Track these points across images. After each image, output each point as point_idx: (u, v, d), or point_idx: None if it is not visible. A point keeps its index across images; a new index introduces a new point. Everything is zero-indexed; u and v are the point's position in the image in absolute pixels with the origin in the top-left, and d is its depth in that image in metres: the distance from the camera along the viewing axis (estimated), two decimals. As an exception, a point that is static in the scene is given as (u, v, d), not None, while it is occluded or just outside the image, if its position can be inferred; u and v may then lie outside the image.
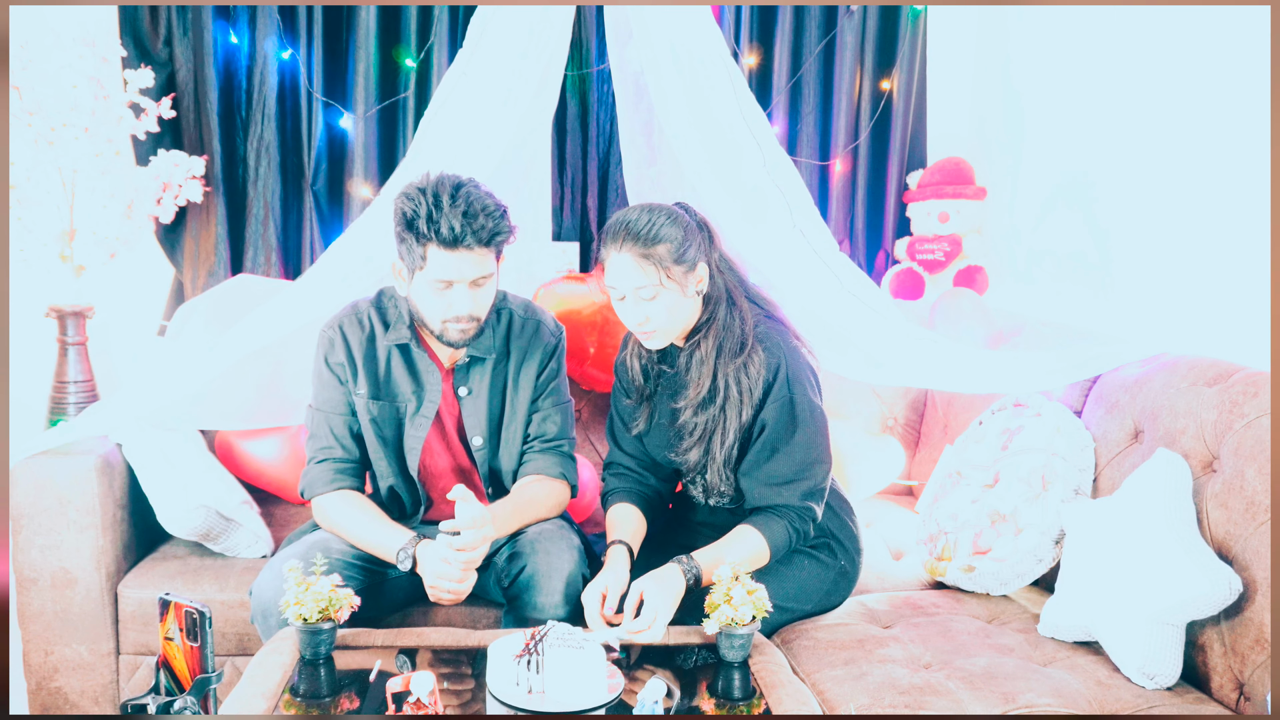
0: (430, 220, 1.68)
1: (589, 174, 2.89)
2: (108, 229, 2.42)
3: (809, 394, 1.84)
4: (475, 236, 1.69)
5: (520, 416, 1.97)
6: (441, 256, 1.71)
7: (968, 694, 1.62)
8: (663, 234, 1.75)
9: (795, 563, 1.91)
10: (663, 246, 1.74)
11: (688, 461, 1.88)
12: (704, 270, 1.81)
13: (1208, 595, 1.60)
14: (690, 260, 1.78)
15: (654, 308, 1.77)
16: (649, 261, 1.74)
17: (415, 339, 1.90)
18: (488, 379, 1.94)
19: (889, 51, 2.94)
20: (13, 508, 2.02)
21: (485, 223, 1.70)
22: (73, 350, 2.47)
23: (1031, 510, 1.96)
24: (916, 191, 2.96)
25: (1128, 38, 2.39)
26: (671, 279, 1.75)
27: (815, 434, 1.83)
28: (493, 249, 1.76)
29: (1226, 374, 1.80)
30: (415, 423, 1.92)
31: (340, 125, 2.76)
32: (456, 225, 1.68)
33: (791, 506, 1.83)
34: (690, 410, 1.84)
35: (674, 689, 1.55)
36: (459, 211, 1.68)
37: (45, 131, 2.32)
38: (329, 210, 2.80)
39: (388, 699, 1.42)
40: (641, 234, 1.74)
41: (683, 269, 1.77)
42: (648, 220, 1.76)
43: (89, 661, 2.09)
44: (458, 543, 1.71)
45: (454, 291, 1.76)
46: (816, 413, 1.84)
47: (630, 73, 2.55)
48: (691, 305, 1.82)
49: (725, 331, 1.82)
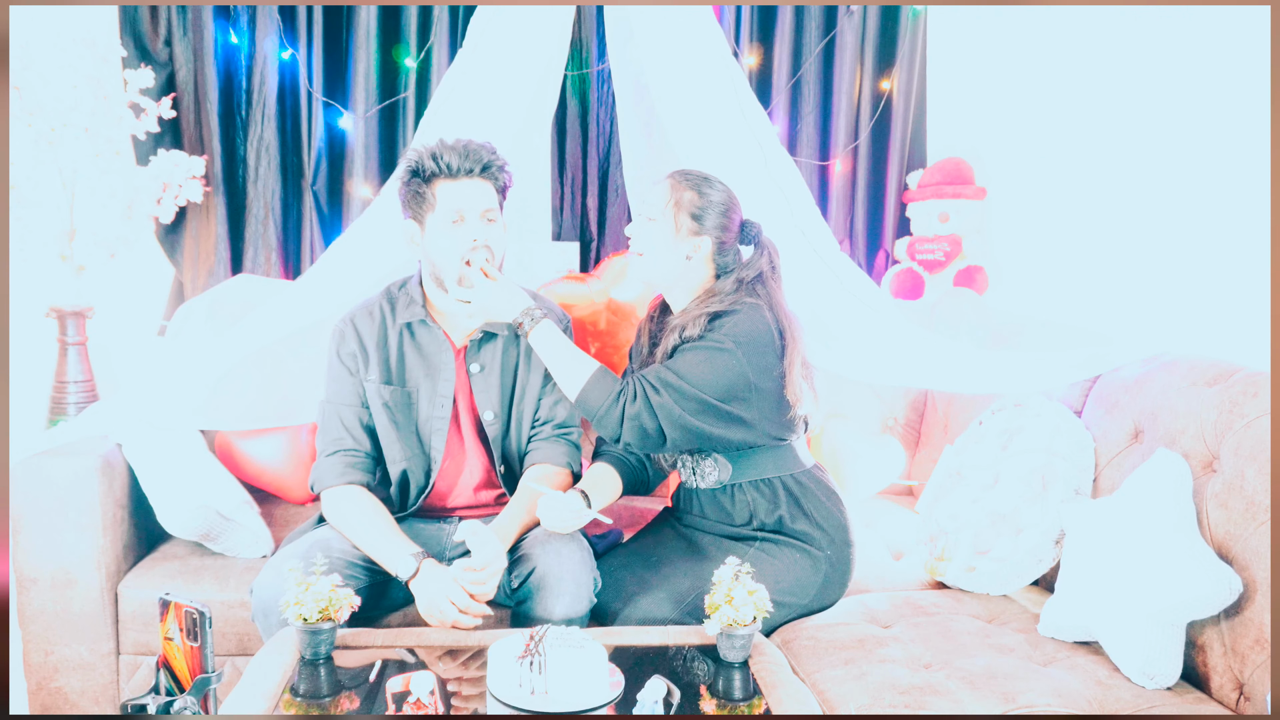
0: (435, 158, 1.90)
1: (589, 174, 2.89)
2: (108, 229, 2.42)
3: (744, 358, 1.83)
4: (474, 160, 1.91)
5: (532, 396, 2.01)
6: (449, 189, 1.90)
7: (968, 694, 1.62)
8: (701, 189, 1.91)
9: (785, 557, 1.91)
10: (692, 194, 1.90)
11: None
12: (705, 245, 1.91)
13: (1208, 595, 1.60)
14: (701, 223, 1.90)
15: (645, 231, 1.92)
16: (673, 193, 1.90)
17: (427, 315, 1.98)
18: (499, 357, 2.00)
19: (889, 51, 2.94)
20: (13, 508, 2.02)
21: (479, 152, 1.92)
22: (73, 350, 2.47)
23: (1031, 510, 1.96)
24: (916, 191, 2.96)
25: (1128, 38, 2.39)
26: (674, 217, 1.89)
27: (723, 373, 1.82)
28: (490, 182, 1.93)
29: (1226, 374, 1.80)
30: (436, 403, 1.97)
31: (340, 125, 2.76)
32: (457, 156, 1.90)
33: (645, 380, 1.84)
34: (661, 357, 1.91)
35: (674, 689, 1.54)
36: (456, 147, 1.91)
37: (45, 131, 2.32)
38: (329, 210, 2.80)
39: (388, 699, 1.42)
40: (691, 177, 1.93)
41: (690, 224, 1.90)
42: (703, 177, 1.93)
43: (89, 661, 2.09)
44: (470, 578, 1.75)
45: (468, 224, 1.91)
46: (736, 364, 1.82)
47: (630, 73, 2.55)
48: (675, 262, 1.92)
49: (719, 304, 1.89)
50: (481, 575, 1.75)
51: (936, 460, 2.45)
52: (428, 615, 1.76)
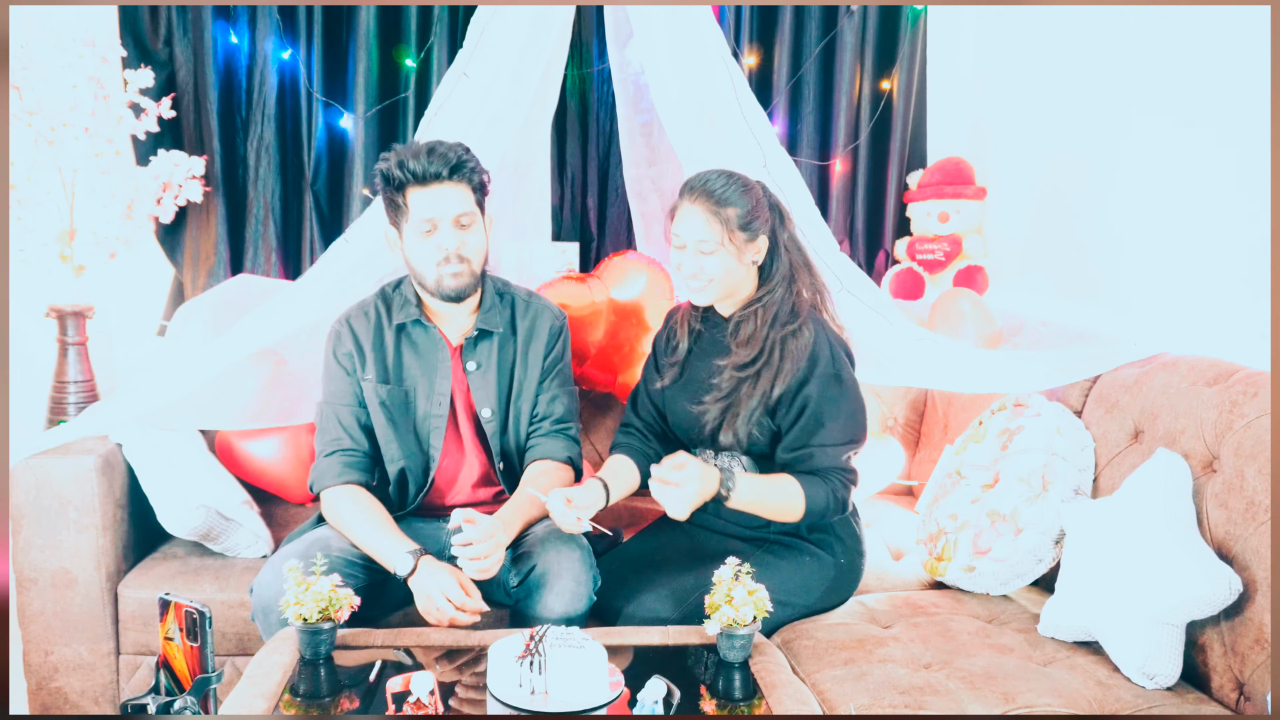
0: (401, 165, 1.86)
1: (589, 174, 2.89)
2: (108, 229, 2.42)
3: (851, 371, 1.91)
4: (442, 162, 1.86)
5: (529, 393, 2.02)
6: (419, 196, 1.87)
7: (968, 694, 1.62)
8: (734, 199, 1.85)
9: (796, 558, 1.92)
10: (732, 209, 1.84)
11: (706, 415, 1.91)
12: (764, 244, 1.89)
13: (1208, 595, 1.60)
14: (753, 230, 1.87)
15: (709, 262, 1.86)
16: (716, 219, 1.84)
17: (422, 314, 1.97)
18: (495, 355, 2.00)
19: (889, 51, 2.94)
20: (13, 508, 2.02)
21: (447, 153, 1.87)
22: (73, 350, 2.47)
23: (1031, 510, 1.96)
24: (916, 191, 2.96)
25: (1128, 37, 2.39)
26: (732, 242, 1.85)
27: (859, 407, 1.91)
28: (464, 184, 1.89)
29: (1226, 374, 1.80)
30: (434, 400, 1.97)
31: (340, 125, 2.76)
32: (424, 159, 1.86)
33: (834, 469, 1.87)
34: (730, 369, 1.90)
35: (674, 689, 1.54)
36: (423, 150, 1.87)
37: (45, 131, 2.32)
38: (329, 210, 2.79)
39: (388, 699, 1.42)
40: (716, 193, 1.85)
41: (745, 236, 1.86)
42: (724, 183, 1.87)
43: (89, 661, 2.09)
44: (469, 551, 1.73)
45: (440, 233, 1.88)
46: (858, 389, 1.92)
47: (630, 73, 2.55)
48: (744, 273, 1.90)
49: (780, 306, 1.90)
50: (477, 549, 1.72)
51: (936, 460, 2.45)
52: (425, 612, 1.76)
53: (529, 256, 2.69)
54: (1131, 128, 2.39)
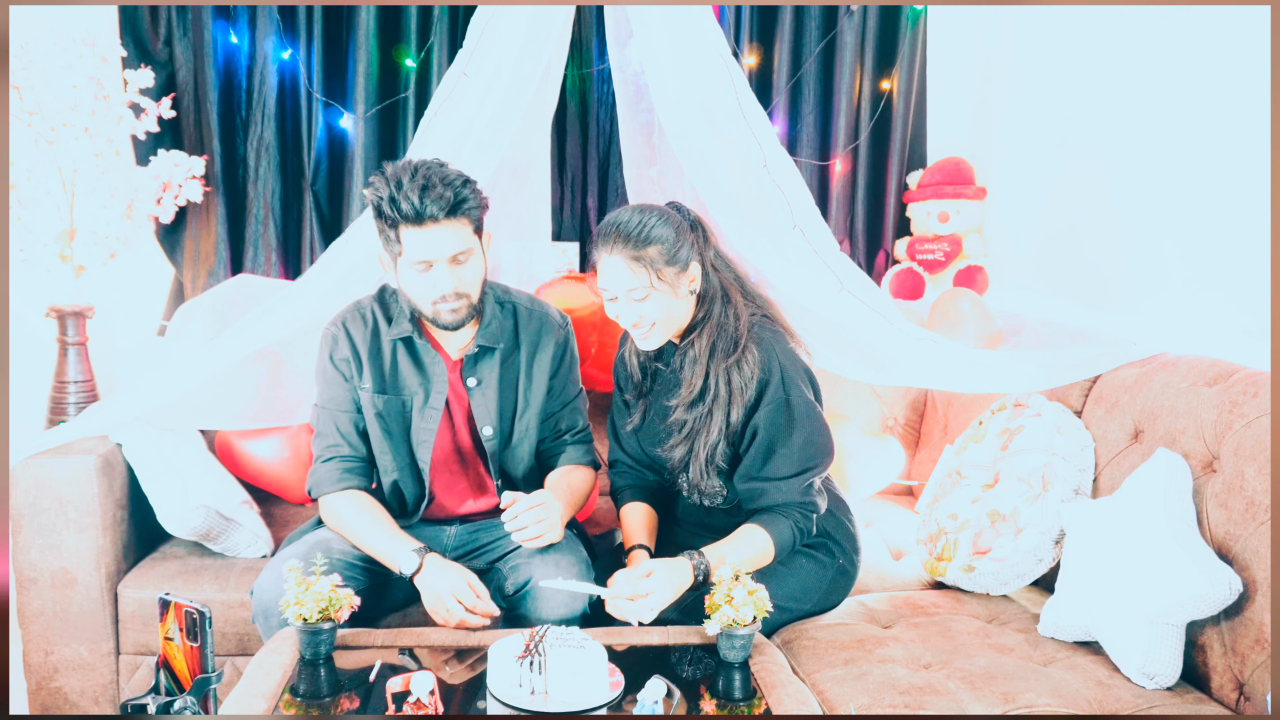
0: (393, 202, 1.70)
1: (589, 174, 2.89)
2: (108, 229, 2.42)
3: (804, 392, 1.83)
4: (437, 205, 1.70)
5: (534, 409, 1.97)
6: (413, 236, 1.72)
7: (968, 694, 1.62)
8: (654, 235, 1.76)
9: (793, 563, 1.91)
10: (654, 248, 1.75)
11: (673, 459, 1.89)
12: (696, 270, 1.83)
13: (1208, 595, 1.60)
14: (683, 260, 1.79)
15: (646, 308, 1.78)
16: (640, 264, 1.75)
17: (418, 331, 1.91)
18: (498, 371, 1.94)
19: (889, 51, 2.94)
20: (13, 508, 2.02)
21: (444, 192, 1.70)
22: (73, 350, 2.47)
23: (1031, 510, 1.96)
24: (916, 191, 2.96)
25: (1128, 37, 2.39)
26: (663, 280, 1.76)
27: (813, 432, 1.83)
28: (463, 220, 1.75)
29: (1226, 374, 1.80)
30: (425, 414, 1.92)
31: (340, 125, 2.76)
32: (416, 200, 1.69)
33: (793, 504, 1.83)
34: (681, 408, 1.85)
35: (674, 689, 1.54)
36: (417, 187, 1.69)
37: (45, 131, 2.32)
38: (329, 210, 2.80)
39: (388, 699, 1.42)
40: (633, 235, 1.75)
41: (675, 269, 1.78)
42: (639, 221, 1.77)
43: (89, 661, 2.09)
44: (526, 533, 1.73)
45: (435, 271, 1.76)
46: (813, 411, 1.84)
47: (630, 73, 2.55)
48: (685, 305, 1.83)
49: (719, 330, 1.83)
50: (532, 529, 1.72)
51: (936, 460, 2.45)
52: (433, 612, 1.74)
53: (529, 256, 2.69)
54: (1132, 128, 2.39)
